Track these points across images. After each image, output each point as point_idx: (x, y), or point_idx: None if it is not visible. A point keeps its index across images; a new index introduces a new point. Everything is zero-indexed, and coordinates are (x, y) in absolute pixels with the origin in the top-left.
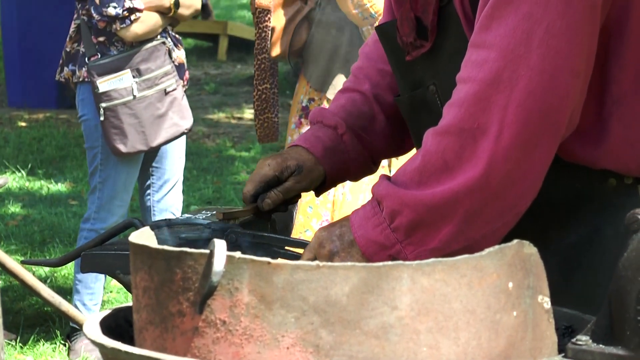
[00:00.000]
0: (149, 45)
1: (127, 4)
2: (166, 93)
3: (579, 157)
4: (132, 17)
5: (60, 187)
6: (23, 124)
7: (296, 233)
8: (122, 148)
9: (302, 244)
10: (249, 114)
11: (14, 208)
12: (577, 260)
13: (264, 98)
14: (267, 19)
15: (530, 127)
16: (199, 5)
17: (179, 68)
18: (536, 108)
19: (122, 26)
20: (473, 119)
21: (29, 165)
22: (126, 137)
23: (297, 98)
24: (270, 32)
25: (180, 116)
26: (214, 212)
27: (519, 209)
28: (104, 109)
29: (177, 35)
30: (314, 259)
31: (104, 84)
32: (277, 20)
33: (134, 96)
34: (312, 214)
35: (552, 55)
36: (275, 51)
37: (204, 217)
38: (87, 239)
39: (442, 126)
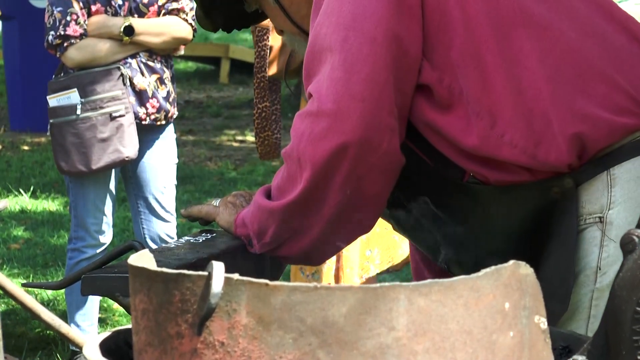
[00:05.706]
0: (101, 68)
1: (60, 32)
2: (112, 118)
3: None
4: (65, 44)
5: (62, 210)
6: (25, 147)
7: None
8: (64, 166)
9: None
10: (251, 136)
11: (16, 231)
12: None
13: (264, 116)
14: (265, 38)
15: (313, 149)
16: (178, 34)
17: (140, 95)
18: (322, 131)
19: (59, 53)
20: (291, 149)
21: (31, 189)
22: (68, 155)
23: None
24: (268, 51)
25: (122, 143)
26: (215, 235)
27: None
28: (51, 125)
29: (149, 63)
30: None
31: (52, 99)
32: (275, 39)
33: (77, 115)
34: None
35: (333, 85)
36: (272, 70)
37: (204, 239)
38: (72, 258)
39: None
